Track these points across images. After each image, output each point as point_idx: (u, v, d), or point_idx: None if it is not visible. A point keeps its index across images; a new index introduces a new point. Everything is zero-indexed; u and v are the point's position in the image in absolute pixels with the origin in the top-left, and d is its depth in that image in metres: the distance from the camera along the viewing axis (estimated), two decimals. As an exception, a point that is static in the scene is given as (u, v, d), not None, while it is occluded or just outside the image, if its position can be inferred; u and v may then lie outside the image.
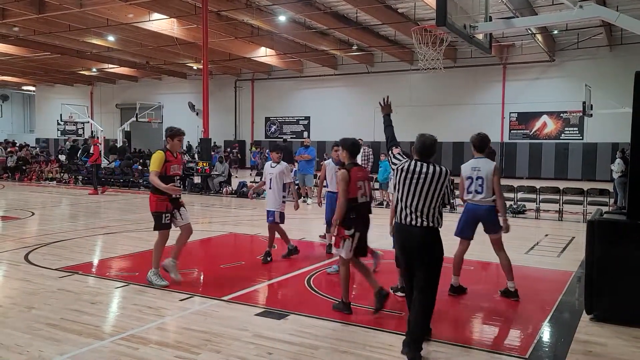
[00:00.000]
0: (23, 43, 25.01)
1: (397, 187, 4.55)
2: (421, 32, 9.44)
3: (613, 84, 22.17)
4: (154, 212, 6.29)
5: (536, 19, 13.99)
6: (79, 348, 4.42)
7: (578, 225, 11.51)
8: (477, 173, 6.01)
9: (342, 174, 5.28)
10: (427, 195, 4.42)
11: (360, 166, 5.58)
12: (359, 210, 5.33)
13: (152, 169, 6.22)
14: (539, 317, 5.44)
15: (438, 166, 4.51)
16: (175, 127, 6.47)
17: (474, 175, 6.03)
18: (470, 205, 6.06)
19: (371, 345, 4.58)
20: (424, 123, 28.01)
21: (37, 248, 8.36)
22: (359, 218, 5.33)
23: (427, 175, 4.44)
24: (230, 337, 4.72)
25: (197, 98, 30.02)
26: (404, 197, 4.48)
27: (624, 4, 18.20)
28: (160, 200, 6.22)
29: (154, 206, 6.27)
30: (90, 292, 6.09)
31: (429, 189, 4.42)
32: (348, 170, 5.32)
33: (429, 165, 4.50)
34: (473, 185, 6.01)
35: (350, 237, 5.28)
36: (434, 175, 4.44)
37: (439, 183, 4.45)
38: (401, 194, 4.50)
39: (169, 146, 6.36)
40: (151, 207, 6.32)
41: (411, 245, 4.45)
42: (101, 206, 14.63)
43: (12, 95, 45.64)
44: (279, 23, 21.29)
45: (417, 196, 4.42)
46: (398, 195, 4.53)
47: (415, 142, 4.66)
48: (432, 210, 4.44)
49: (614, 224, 5.42)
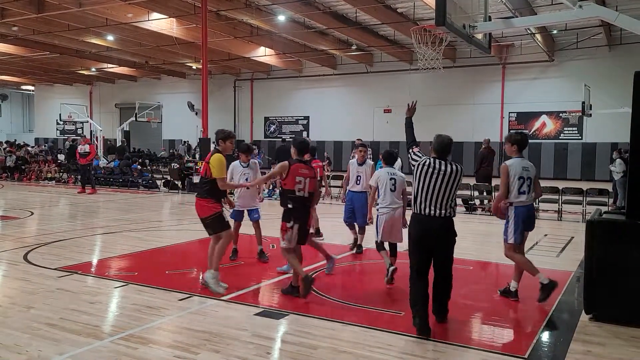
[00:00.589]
0: (22, 42, 24.99)
1: (416, 181, 5.02)
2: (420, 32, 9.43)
3: (612, 84, 22.19)
4: (209, 215, 6.04)
5: (535, 18, 13.97)
6: (78, 348, 4.42)
7: (577, 225, 11.52)
8: (527, 173, 5.89)
9: (281, 164, 5.89)
10: (444, 190, 4.93)
11: (307, 164, 6.06)
12: (297, 203, 5.85)
13: (220, 175, 5.97)
14: (538, 317, 5.45)
15: (454, 164, 5.04)
16: (226, 129, 6.42)
17: (525, 175, 5.86)
18: (522, 207, 5.84)
19: (370, 345, 4.58)
20: (423, 123, 27.89)
21: (36, 248, 8.35)
22: (297, 211, 5.86)
23: (445, 172, 4.94)
24: (230, 336, 4.71)
25: (197, 98, 30.05)
26: (423, 191, 4.96)
27: (623, 4, 18.21)
28: (211, 203, 6.05)
29: (208, 210, 6.05)
30: (90, 291, 6.08)
31: (447, 184, 4.93)
32: (290, 164, 5.86)
33: (446, 163, 5.00)
34: (524, 186, 5.86)
35: (290, 229, 5.85)
36: (451, 173, 4.95)
37: (455, 180, 4.98)
38: (421, 187, 4.98)
39: (221, 148, 6.17)
40: (204, 213, 6.06)
41: (432, 233, 4.96)
42: (100, 206, 14.62)
43: (11, 95, 45.60)
44: (278, 23, 21.28)
45: (435, 190, 4.92)
46: (417, 189, 5.00)
47: (434, 142, 5.16)
48: (449, 202, 4.98)
49: (613, 224, 5.43)
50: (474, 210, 13.61)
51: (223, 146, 6.18)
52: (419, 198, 4.98)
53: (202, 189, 6.14)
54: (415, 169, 5.08)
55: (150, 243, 9.03)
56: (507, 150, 6.11)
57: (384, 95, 28.99)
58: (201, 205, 6.09)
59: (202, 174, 6.14)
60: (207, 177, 6.03)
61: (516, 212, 5.84)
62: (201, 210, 6.09)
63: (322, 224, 9.81)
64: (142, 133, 34.74)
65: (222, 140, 6.19)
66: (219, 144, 6.22)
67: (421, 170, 4.99)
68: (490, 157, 14.70)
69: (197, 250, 8.64)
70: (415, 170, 5.05)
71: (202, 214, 6.10)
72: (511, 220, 5.88)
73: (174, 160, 26.88)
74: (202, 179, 6.15)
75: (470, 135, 26.40)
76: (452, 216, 5.03)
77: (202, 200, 6.09)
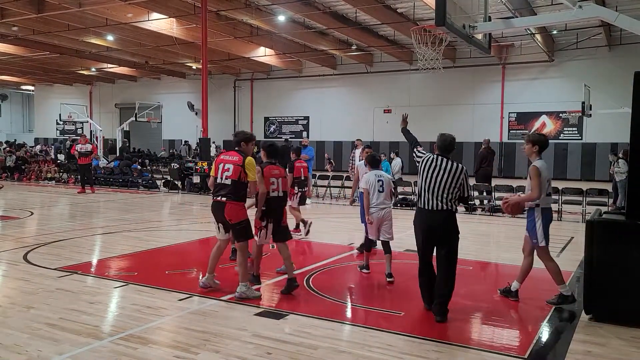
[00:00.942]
0: (22, 42, 24.99)
1: (421, 177, 5.36)
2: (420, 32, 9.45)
3: (612, 84, 22.20)
4: (243, 220, 5.87)
5: (535, 19, 13.98)
6: (77, 348, 4.42)
7: (577, 225, 11.52)
8: (550, 175, 5.85)
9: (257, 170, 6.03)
10: (446, 185, 5.22)
11: (277, 165, 6.36)
12: (271, 204, 6.13)
13: (255, 179, 5.84)
14: (538, 317, 5.45)
15: (456, 162, 5.31)
16: (246, 131, 6.31)
17: (550, 177, 5.82)
18: (548, 210, 5.80)
19: (370, 345, 4.57)
20: (423, 123, 27.97)
21: (36, 248, 8.35)
22: (271, 210, 6.15)
23: (446, 168, 5.25)
24: (229, 337, 4.71)
25: (196, 98, 30.06)
26: (427, 186, 5.28)
27: (623, 4, 18.22)
28: (245, 208, 5.90)
29: (243, 215, 5.89)
30: (89, 291, 6.08)
31: (448, 180, 5.23)
32: (262, 168, 6.09)
33: (448, 161, 5.29)
34: (550, 188, 5.82)
35: (264, 228, 6.16)
36: (452, 169, 5.25)
37: (456, 176, 5.26)
38: (424, 182, 5.31)
39: (244, 150, 5.95)
40: (238, 217, 5.84)
41: (435, 225, 5.26)
42: (100, 206, 14.62)
43: (11, 95, 45.61)
44: (278, 23, 21.29)
45: (438, 185, 5.23)
46: (421, 184, 5.34)
47: (438, 140, 5.46)
48: (451, 196, 5.25)
49: (613, 224, 5.42)
50: (473, 211, 13.62)
51: (245, 148, 5.94)
52: (422, 192, 5.32)
53: (237, 193, 5.79)
54: (419, 165, 5.41)
55: (150, 243, 9.03)
56: (527, 151, 5.86)
57: (384, 96, 29.00)
58: (237, 210, 5.83)
59: (235, 177, 5.76)
60: (242, 180, 5.78)
61: (544, 214, 5.73)
62: (236, 215, 5.82)
63: (322, 223, 9.80)
64: (142, 133, 34.76)
65: (245, 142, 5.96)
66: (241, 145, 5.95)
67: (424, 165, 5.33)
68: (490, 157, 14.71)
69: (197, 251, 8.64)
70: (420, 166, 5.39)
71: (236, 218, 5.83)
72: (539, 222, 5.73)
73: (174, 160, 26.89)
74: (236, 182, 5.76)
75: (470, 136, 26.40)
76: (454, 210, 5.31)
77: (237, 204, 5.82)
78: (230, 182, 5.78)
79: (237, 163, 5.79)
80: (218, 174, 5.85)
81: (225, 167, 5.81)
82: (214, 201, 5.91)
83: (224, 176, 5.80)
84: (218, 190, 5.85)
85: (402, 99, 28.58)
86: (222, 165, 5.84)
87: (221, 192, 5.82)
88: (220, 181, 5.83)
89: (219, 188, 5.85)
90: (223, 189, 5.81)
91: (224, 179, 5.80)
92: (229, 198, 5.80)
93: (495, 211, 13.23)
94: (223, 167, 5.83)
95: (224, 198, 5.81)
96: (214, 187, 5.91)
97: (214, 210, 5.96)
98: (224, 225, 5.96)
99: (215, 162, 5.95)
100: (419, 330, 5.06)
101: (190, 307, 5.54)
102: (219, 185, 5.84)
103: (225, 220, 5.87)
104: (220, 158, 5.97)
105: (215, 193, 5.89)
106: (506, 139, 26.70)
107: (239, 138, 6.02)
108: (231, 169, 5.78)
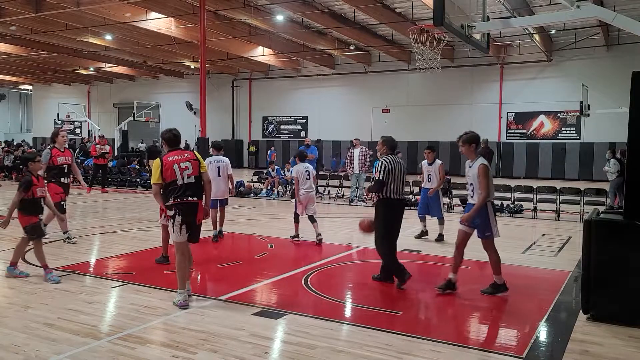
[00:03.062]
0: (20, 42, 24.94)
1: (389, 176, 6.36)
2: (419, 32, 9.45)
3: (610, 84, 22.22)
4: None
5: (533, 18, 14.01)
6: (75, 348, 4.41)
7: (575, 225, 11.53)
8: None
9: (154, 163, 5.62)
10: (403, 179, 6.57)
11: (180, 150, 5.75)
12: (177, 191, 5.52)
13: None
14: (536, 316, 5.45)
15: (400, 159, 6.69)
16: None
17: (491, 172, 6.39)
18: (491, 202, 6.24)
19: (368, 345, 4.58)
20: (421, 123, 28.11)
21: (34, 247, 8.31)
22: (180, 201, 5.52)
23: (402, 165, 6.51)
24: (228, 336, 4.71)
25: (195, 97, 30.00)
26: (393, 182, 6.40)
27: (621, 4, 18.25)
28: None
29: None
30: (87, 291, 6.08)
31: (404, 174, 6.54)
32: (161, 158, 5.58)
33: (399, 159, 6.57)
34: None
35: (171, 218, 5.55)
36: (403, 165, 6.56)
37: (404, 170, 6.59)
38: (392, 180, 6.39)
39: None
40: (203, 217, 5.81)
41: (401, 212, 6.57)
42: (98, 205, 14.61)
43: (9, 94, 45.51)
44: (276, 22, 21.28)
45: (399, 180, 6.48)
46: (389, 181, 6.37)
47: (388, 141, 6.59)
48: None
49: (610, 223, 5.43)
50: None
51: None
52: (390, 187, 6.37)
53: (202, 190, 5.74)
54: (387, 168, 6.35)
55: (149, 243, 9.01)
56: (465, 152, 6.15)
57: (382, 95, 29.01)
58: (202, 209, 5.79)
59: (197, 174, 5.65)
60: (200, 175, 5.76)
61: (490, 209, 6.12)
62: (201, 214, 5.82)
63: (320, 223, 9.78)
64: (140, 133, 34.69)
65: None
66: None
67: (391, 168, 6.35)
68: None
69: (194, 250, 8.61)
70: (388, 169, 6.34)
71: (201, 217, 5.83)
72: (492, 216, 6.10)
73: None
74: (199, 178, 5.69)
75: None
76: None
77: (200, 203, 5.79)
78: (195, 180, 5.59)
79: (193, 159, 5.66)
80: (177, 177, 5.51)
81: (184, 166, 5.55)
82: (188, 202, 5.55)
83: (185, 175, 5.54)
84: (185, 191, 5.53)
85: (401, 99, 28.60)
86: (178, 166, 5.53)
87: (190, 192, 5.56)
88: (182, 182, 5.52)
89: (185, 189, 5.53)
90: (190, 188, 5.56)
91: (187, 178, 5.55)
92: (199, 197, 5.68)
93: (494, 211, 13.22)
94: (180, 167, 5.53)
95: (196, 197, 5.63)
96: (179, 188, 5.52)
97: (189, 212, 5.58)
98: (188, 226, 5.60)
99: (167, 166, 5.50)
100: (417, 329, 5.07)
101: (188, 307, 5.53)
102: (184, 187, 5.53)
103: (195, 220, 5.62)
104: (169, 161, 5.55)
105: (182, 195, 5.52)
106: (504, 138, 26.72)
107: (179, 138, 5.87)
108: (191, 166, 5.58)
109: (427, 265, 7.90)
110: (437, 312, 5.76)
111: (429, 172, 9.40)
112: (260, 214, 10.93)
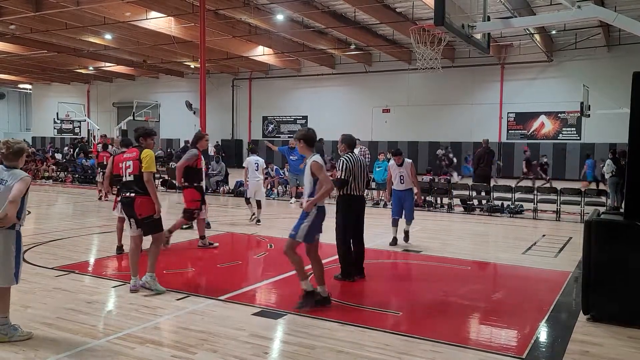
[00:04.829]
0: (20, 41, 24.93)
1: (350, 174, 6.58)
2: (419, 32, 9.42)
3: (611, 85, 22.21)
4: (151, 214, 6.04)
5: (534, 19, 13.98)
6: (75, 347, 4.40)
7: (575, 225, 11.52)
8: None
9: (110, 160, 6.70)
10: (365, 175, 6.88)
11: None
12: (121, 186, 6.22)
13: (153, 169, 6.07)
14: (536, 317, 5.44)
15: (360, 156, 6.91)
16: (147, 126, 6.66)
17: None
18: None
19: (368, 345, 4.57)
20: (422, 123, 28.09)
21: (33, 247, 8.32)
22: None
23: (362, 162, 6.73)
24: (227, 336, 4.70)
25: (195, 97, 29.98)
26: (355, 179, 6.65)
27: (622, 4, 18.24)
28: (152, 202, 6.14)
29: (152, 209, 6.05)
30: (87, 291, 6.06)
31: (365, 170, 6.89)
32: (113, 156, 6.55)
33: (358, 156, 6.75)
34: None
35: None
36: (363, 162, 6.81)
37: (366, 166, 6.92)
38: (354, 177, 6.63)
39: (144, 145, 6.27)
40: (147, 212, 6.02)
41: (361, 208, 6.87)
42: (97, 205, 14.59)
43: (8, 94, 45.49)
44: (276, 22, 21.27)
45: (359, 178, 6.70)
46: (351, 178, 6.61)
47: (347, 139, 6.79)
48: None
49: (611, 224, 5.42)
50: (472, 211, 13.62)
51: (145, 143, 6.16)
52: (351, 185, 6.60)
53: (143, 187, 5.96)
54: (348, 166, 6.54)
55: (148, 242, 8.98)
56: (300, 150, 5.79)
57: (383, 95, 28.99)
58: (146, 204, 6.00)
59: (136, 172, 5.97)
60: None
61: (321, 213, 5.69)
62: (145, 210, 6.02)
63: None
64: (139, 132, 34.69)
65: (144, 137, 6.17)
66: (140, 141, 6.17)
67: (351, 166, 6.54)
68: (488, 157, 14.66)
69: (194, 250, 8.62)
70: (348, 167, 6.54)
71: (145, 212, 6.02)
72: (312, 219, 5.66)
73: (172, 159, 26.83)
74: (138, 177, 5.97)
75: (469, 136, 26.43)
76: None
77: (146, 198, 6.01)
78: (134, 178, 5.98)
79: (135, 158, 6.01)
80: (122, 172, 6.08)
81: (127, 165, 6.03)
82: (123, 197, 6.11)
83: (127, 173, 6.02)
84: (123, 187, 6.10)
85: (401, 99, 28.59)
86: (124, 163, 6.06)
87: (128, 189, 6.03)
88: (125, 179, 6.05)
89: (124, 186, 6.08)
90: (128, 185, 6.01)
91: (128, 176, 6.02)
92: (137, 193, 5.96)
93: (493, 211, 13.23)
94: (125, 164, 6.05)
95: (132, 193, 5.97)
96: (122, 185, 6.15)
97: (124, 206, 6.12)
98: (135, 220, 6.04)
99: (115, 161, 6.43)
100: (417, 330, 5.05)
101: (187, 307, 5.52)
102: (124, 183, 6.07)
103: (135, 215, 6.00)
104: (119, 157, 6.34)
105: (121, 190, 6.21)
106: (505, 139, 26.72)
107: (138, 133, 6.25)
108: (132, 165, 6.01)
109: (427, 265, 7.89)
110: (437, 313, 5.74)
111: (400, 174, 9.08)
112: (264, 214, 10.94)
